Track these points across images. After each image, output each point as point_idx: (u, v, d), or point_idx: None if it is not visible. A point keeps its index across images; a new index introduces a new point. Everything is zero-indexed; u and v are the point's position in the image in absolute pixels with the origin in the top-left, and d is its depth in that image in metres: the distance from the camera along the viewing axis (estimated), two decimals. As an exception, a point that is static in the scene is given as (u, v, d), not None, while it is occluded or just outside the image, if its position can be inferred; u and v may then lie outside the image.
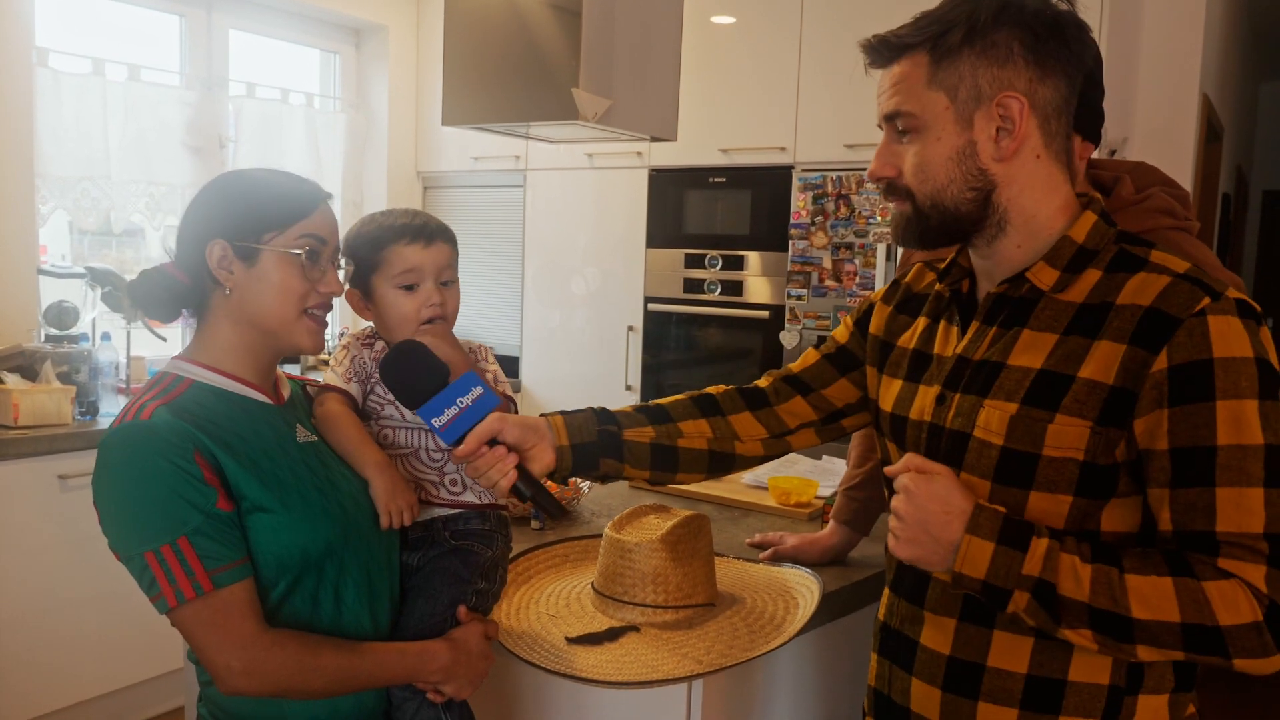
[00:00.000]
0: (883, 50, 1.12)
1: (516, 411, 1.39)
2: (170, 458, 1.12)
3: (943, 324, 1.22)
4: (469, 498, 1.40)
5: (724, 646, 1.33)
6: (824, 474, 2.35)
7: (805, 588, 1.49)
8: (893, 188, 1.14)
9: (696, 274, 3.84)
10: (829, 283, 3.51)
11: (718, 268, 3.79)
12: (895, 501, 1.09)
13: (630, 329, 4.02)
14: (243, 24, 4.08)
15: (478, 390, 1.22)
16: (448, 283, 1.40)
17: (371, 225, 1.39)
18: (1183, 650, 0.99)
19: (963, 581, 1.05)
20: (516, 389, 4.33)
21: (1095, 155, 1.52)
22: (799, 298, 3.57)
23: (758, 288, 3.71)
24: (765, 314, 3.68)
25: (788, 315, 3.61)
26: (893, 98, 1.11)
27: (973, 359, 1.14)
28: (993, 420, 1.09)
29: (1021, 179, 1.10)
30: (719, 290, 3.79)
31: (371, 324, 1.44)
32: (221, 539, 1.13)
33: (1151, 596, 0.98)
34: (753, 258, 3.72)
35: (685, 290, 3.87)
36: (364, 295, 1.39)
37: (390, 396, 1.35)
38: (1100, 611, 1.00)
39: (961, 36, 1.06)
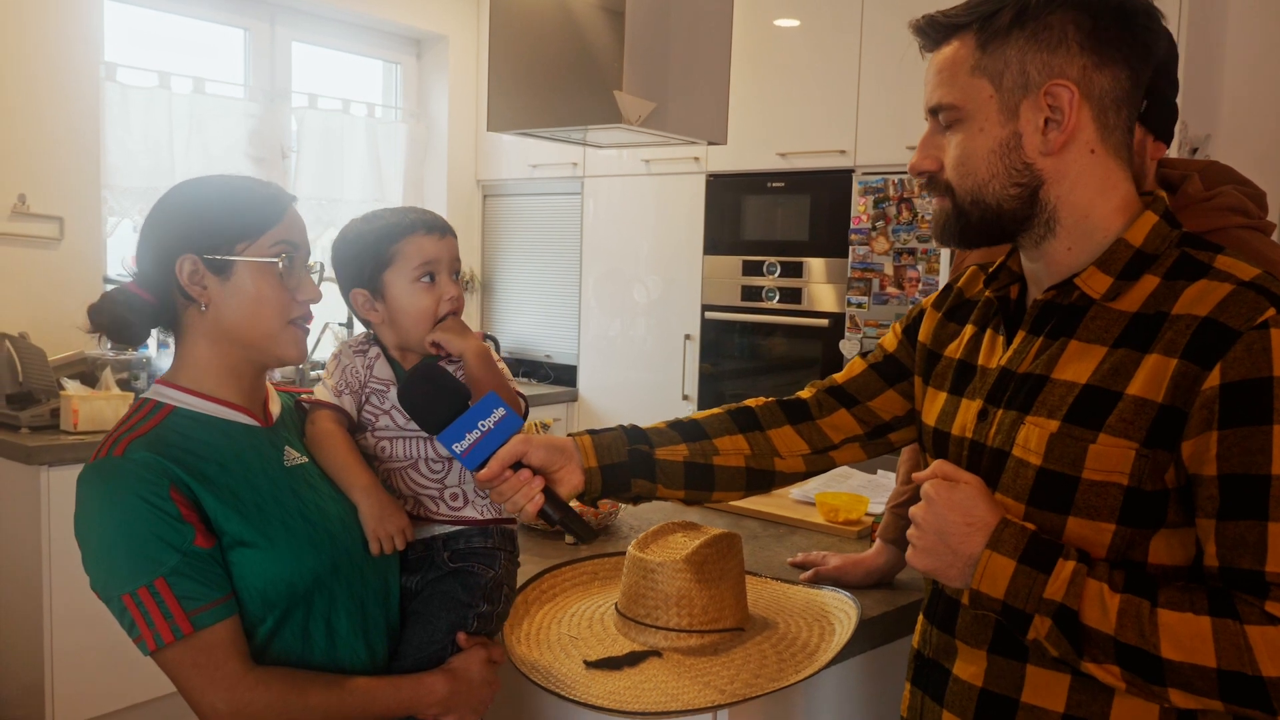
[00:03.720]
0: (930, 31, 1.06)
1: (526, 408, 1.35)
2: (144, 495, 1.07)
3: (989, 333, 1.14)
4: (470, 513, 1.33)
5: (750, 675, 1.25)
6: (877, 489, 2.24)
7: (843, 612, 1.40)
8: (933, 182, 1.08)
9: (755, 281, 3.75)
10: (890, 289, 3.39)
11: (776, 274, 3.69)
12: (914, 509, 1.03)
13: (687, 337, 3.95)
14: (305, 36, 4.13)
15: (500, 412, 1.16)
16: (457, 275, 1.36)
17: (378, 221, 1.33)
18: (1219, 699, 0.89)
19: (981, 600, 0.98)
20: (573, 398, 4.30)
21: (1174, 154, 1.41)
22: (860, 305, 3.46)
23: (818, 295, 3.61)
24: (825, 322, 3.57)
25: (848, 323, 3.49)
26: (935, 89, 1.05)
27: (1017, 371, 1.06)
28: (1031, 438, 1.01)
29: (1073, 175, 1.01)
30: (777, 298, 3.70)
31: (367, 330, 1.38)
32: (200, 578, 1.08)
33: (1185, 636, 0.89)
34: (812, 264, 3.61)
35: (743, 298, 3.78)
36: (372, 294, 1.33)
37: (385, 406, 1.30)
38: (1126, 647, 0.91)
39: (1011, 17, 0.99)
